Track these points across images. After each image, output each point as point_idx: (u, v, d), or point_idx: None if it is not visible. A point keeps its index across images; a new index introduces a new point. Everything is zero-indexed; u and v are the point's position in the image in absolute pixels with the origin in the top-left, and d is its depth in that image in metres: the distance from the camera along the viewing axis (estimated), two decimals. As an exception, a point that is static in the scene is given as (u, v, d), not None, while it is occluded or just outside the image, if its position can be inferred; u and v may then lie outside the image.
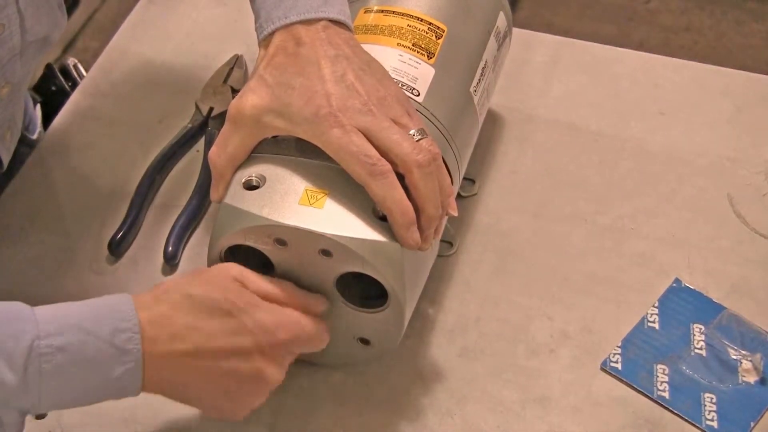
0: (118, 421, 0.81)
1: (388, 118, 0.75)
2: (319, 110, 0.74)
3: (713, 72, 1.08)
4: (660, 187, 0.97)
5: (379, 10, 0.87)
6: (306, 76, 0.75)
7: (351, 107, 0.74)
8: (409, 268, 0.76)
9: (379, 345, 0.81)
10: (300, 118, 0.74)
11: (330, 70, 0.75)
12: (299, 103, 0.74)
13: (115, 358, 0.69)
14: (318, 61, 0.75)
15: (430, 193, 0.75)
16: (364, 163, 0.73)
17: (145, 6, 1.14)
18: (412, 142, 0.74)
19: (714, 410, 0.82)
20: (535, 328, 0.87)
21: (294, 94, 0.75)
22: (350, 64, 0.76)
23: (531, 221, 0.94)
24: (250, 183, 0.76)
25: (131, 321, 0.70)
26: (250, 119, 0.76)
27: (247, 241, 0.76)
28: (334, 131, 0.73)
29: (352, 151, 0.73)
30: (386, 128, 0.74)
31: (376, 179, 0.73)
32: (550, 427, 0.82)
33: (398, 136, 0.74)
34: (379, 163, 0.73)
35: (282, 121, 0.75)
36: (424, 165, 0.74)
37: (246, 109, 0.76)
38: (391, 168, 0.73)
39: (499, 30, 0.92)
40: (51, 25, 0.91)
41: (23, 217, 0.95)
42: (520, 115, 1.03)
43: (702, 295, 0.89)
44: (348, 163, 0.74)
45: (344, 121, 0.73)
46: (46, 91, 1.25)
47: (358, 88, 0.75)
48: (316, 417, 0.82)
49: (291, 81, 0.75)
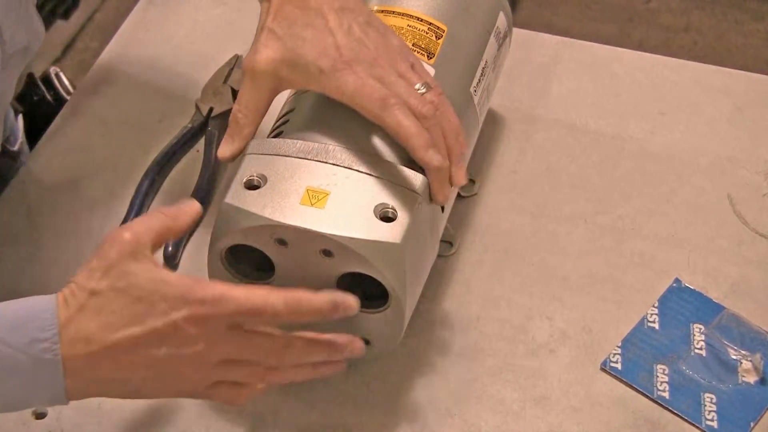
0: (118, 421, 0.81)
1: (395, 72, 0.77)
2: (334, 61, 0.76)
3: (713, 72, 1.08)
4: (660, 187, 0.97)
5: (380, 10, 0.87)
6: (315, 27, 0.77)
7: (361, 59, 0.77)
8: (409, 268, 0.76)
9: (379, 345, 0.81)
10: (315, 70, 0.77)
11: (337, 22, 0.77)
12: (313, 54, 0.77)
13: (35, 369, 0.66)
14: (324, 14, 0.77)
15: (438, 142, 0.78)
16: (376, 98, 0.76)
17: (145, 6, 1.14)
18: (416, 95, 0.77)
19: (714, 410, 0.82)
20: (535, 328, 0.87)
21: (306, 46, 0.77)
22: (355, 17, 0.78)
23: (531, 221, 0.94)
24: (251, 182, 0.77)
25: (50, 330, 0.66)
26: (266, 74, 0.78)
27: (248, 241, 0.76)
28: (349, 77, 0.76)
29: (366, 91, 0.76)
30: (393, 83, 0.77)
31: (390, 109, 0.76)
32: (550, 427, 0.82)
33: (403, 90, 0.77)
34: (391, 97, 0.76)
35: (298, 74, 0.78)
36: (429, 117, 0.77)
37: (261, 63, 0.78)
38: (402, 101, 0.76)
39: (499, 30, 0.92)
40: (31, 36, 0.90)
41: (23, 217, 0.95)
42: (520, 115, 1.03)
43: (702, 295, 0.89)
44: (362, 102, 0.76)
45: (358, 69, 0.76)
46: (28, 100, 1.25)
47: (366, 41, 0.77)
48: (316, 417, 0.82)
49: (301, 33, 0.77)
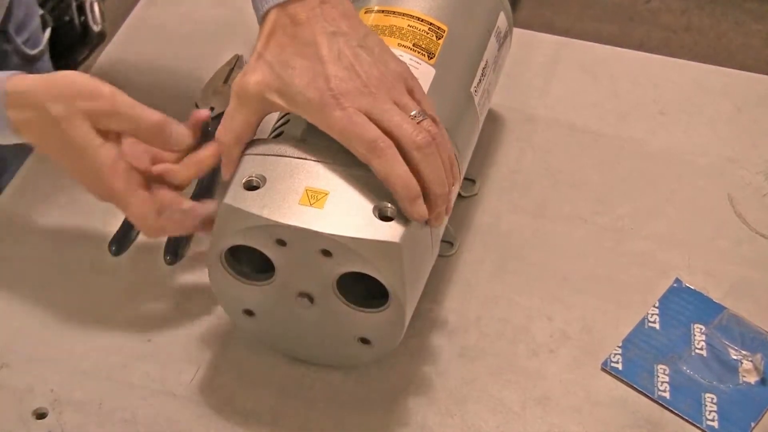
0: (118, 421, 0.81)
1: (389, 99, 0.76)
2: (321, 93, 0.74)
3: (713, 72, 1.08)
4: (660, 187, 0.97)
5: (380, 10, 0.87)
6: (305, 56, 0.76)
7: (351, 89, 0.75)
8: (409, 268, 0.76)
9: (379, 345, 0.81)
10: (302, 100, 0.75)
11: (327, 49, 0.76)
12: (300, 84, 0.75)
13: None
14: (315, 41, 0.76)
15: (433, 173, 0.75)
16: (366, 141, 0.74)
17: (145, 6, 1.14)
18: (411, 123, 0.75)
19: (714, 410, 0.82)
20: (536, 328, 0.87)
21: (294, 74, 0.76)
22: (347, 42, 0.76)
23: (531, 221, 0.94)
24: (250, 183, 0.76)
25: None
26: (255, 96, 0.77)
27: (248, 241, 0.76)
28: (336, 114, 0.74)
29: (354, 131, 0.74)
30: (387, 110, 0.75)
31: (378, 156, 0.74)
32: (551, 427, 0.82)
33: (398, 118, 0.75)
34: (379, 140, 0.74)
35: (284, 101, 0.76)
36: (424, 146, 0.75)
37: (250, 86, 0.77)
38: (392, 144, 0.74)
39: (499, 30, 0.92)
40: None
41: (23, 217, 0.95)
42: (520, 115, 1.03)
43: (702, 295, 0.89)
44: (350, 143, 0.75)
45: (345, 103, 0.74)
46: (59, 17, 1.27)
47: (357, 68, 0.75)
48: (315, 417, 0.82)
49: (290, 61, 0.76)
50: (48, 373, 0.84)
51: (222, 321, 0.87)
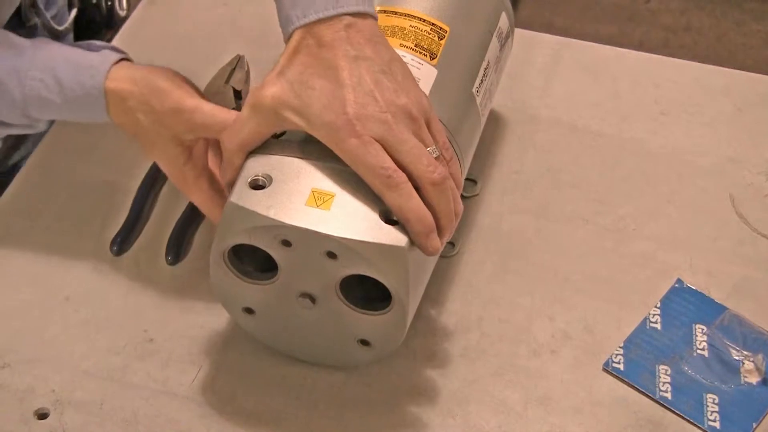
0: (119, 422, 0.81)
1: (407, 129, 0.74)
2: (337, 118, 0.73)
3: (713, 72, 1.08)
4: (661, 188, 0.97)
5: (382, 10, 0.87)
6: (325, 78, 0.75)
7: (368, 116, 0.74)
8: (413, 271, 0.75)
9: (379, 346, 0.81)
10: (318, 122, 0.74)
11: (348, 73, 0.74)
12: (318, 106, 0.74)
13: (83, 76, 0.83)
14: (337, 64, 0.75)
15: (444, 208, 0.75)
16: (380, 174, 0.73)
17: (145, 6, 1.14)
18: (428, 158, 0.74)
19: (716, 411, 0.82)
20: (537, 329, 0.87)
21: (313, 95, 0.75)
22: (370, 68, 0.75)
23: (532, 221, 0.94)
24: (256, 182, 0.76)
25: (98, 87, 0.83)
26: (270, 109, 0.76)
27: (252, 240, 0.76)
28: (351, 141, 0.73)
29: (368, 162, 0.73)
30: (403, 141, 0.74)
31: (392, 190, 0.73)
32: (552, 427, 0.82)
33: (416, 151, 0.74)
34: (394, 174, 0.73)
35: (300, 120, 0.75)
36: (438, 183, 0.74)
37: (266, 99, 0.76)
38: (406, 178, 0.73)
39: (501, 30, 0.92)
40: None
41: (24, 217, 0.95)
42: (521, 115, 1.03)
43: (704, 295, 0.89)
44: (364, 174, 0.74)
45: (361, 131, 0.73)
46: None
47: (377, 95, 0.74)
48: (317, 417, 0.82)
49: (310, 81, 0.75)
50: (49, 374, 0.84)
51: (223, 322, 0.87)
